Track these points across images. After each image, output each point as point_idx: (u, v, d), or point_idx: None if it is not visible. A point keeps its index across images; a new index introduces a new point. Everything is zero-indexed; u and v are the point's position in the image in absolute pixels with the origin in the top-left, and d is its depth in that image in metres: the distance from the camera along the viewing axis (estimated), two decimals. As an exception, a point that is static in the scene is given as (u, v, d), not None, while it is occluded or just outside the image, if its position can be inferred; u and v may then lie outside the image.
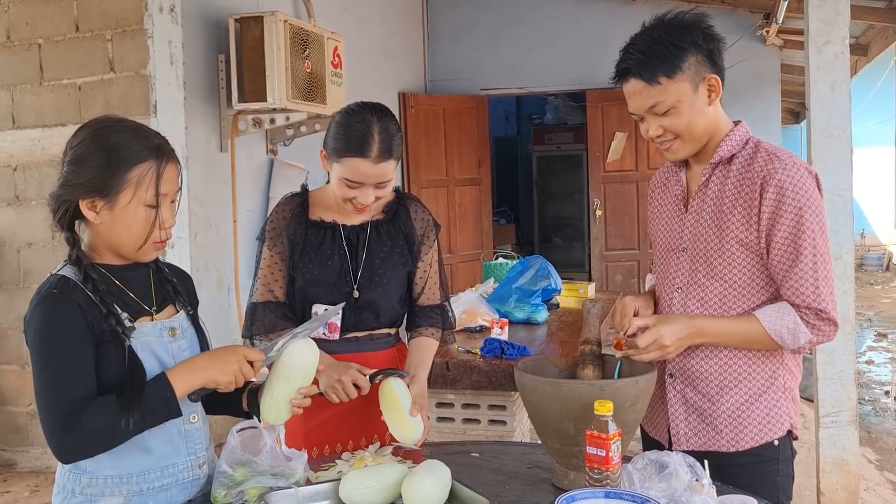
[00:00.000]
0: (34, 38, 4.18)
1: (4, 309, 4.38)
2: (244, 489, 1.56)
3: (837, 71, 3.48)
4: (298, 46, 4.40)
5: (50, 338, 1.48)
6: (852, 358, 3.54)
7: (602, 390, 1.58)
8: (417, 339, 2.15)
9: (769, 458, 1.76)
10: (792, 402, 1.80)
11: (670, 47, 1.68)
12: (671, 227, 1.87)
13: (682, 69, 1.69)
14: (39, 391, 1.48)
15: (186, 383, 1.53)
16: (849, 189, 3.49)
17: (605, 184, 7.35)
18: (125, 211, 1.52)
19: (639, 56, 1.70)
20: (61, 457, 1.50)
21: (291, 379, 1.67)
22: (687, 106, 1.71)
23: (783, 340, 1.70)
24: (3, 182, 4.32)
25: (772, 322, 1.69)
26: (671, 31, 1.71)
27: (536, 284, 3.92)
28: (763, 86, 6.89)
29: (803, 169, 1.69)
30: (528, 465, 1.80)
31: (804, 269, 1.67)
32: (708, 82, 1.72)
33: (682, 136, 1.75)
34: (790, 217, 1.66)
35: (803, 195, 1.66)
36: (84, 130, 1.57)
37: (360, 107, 1.98)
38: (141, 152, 1.53)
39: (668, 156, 1.81)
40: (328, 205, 2.09)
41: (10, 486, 4.15)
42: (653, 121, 1.74)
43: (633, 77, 1.72)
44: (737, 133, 1.77)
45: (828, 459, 3.55)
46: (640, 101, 1.73)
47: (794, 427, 1.80)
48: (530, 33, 7.32)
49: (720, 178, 1.77)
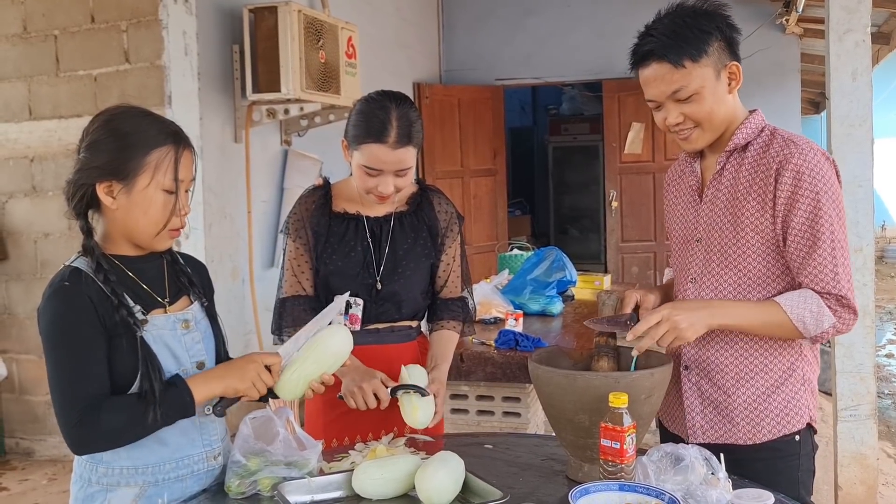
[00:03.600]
0: (50, 29, 4.20)
1: (21, 299, 4.42)
2: (257, 479, 1.56)
3: (859, 60, 3.42)
4: (313, 36, 4.39)
5: (62, 332, 1.48)
6: (872, 351, 3.49)
7: (617, 382, 1.57)
8: (439, 333, 2.15)
9: (789, 452, 1.73)
10: (811, 394, 1.75)
11: (696, 31, 1.64)
12: (686, 218, 1.84)
13: (707, 53, 1.64)
14: (53, 385, 1.48)
15: (206, 391, 1.53)
16: (869, 180, 3.44)
17: (622, 175, 7.30)
18: (143, 195, 1.52)
19: (663, 38, 1.64)
20: (75, 449, 1.51)
21: (319, 362, 1.65)
22: (709, 92, 1.66)
23: (805, 326, 1.63)
24: (19, 173, 4.35)
25: (794, 306, 1.63)
26: (695, 15, 1.66)
27: (551, 276, 3.90)
28: (783, 75, 6.81)
29: (820, 154, 1.65)
30: (541, 457, 1.79)
31: (823, 254, 1.62)
32: (729, 70, 1.68)
33: (702, 125, 1.70)
34: (807, 202, 1.62)
35: (820, 180, 1.62)
36: (100, 117, 1.57)
37: (379, 94, 1.99)
38: (158, 136, 1.53)
39: (685, 146, 1.76)
40: (351, 196, 2.08)
41: (28, 475, 4.19)
42: (673, 108, 1.68)
43: (655, 60, 1.66)
44: (752, 121, 1.73)
45: (846, 453, 3.51)
46: (661, 87, 1.67)
47: (814, 420, 1.76)
48: (547, 23, 7.27)
49: (735, 165, 1.73)
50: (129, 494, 1.55)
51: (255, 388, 1.56)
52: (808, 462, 1.76)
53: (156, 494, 1.56)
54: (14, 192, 4.39)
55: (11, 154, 4.35)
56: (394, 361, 2.00)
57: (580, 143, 9.68)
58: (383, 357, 2.01)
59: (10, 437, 4.49)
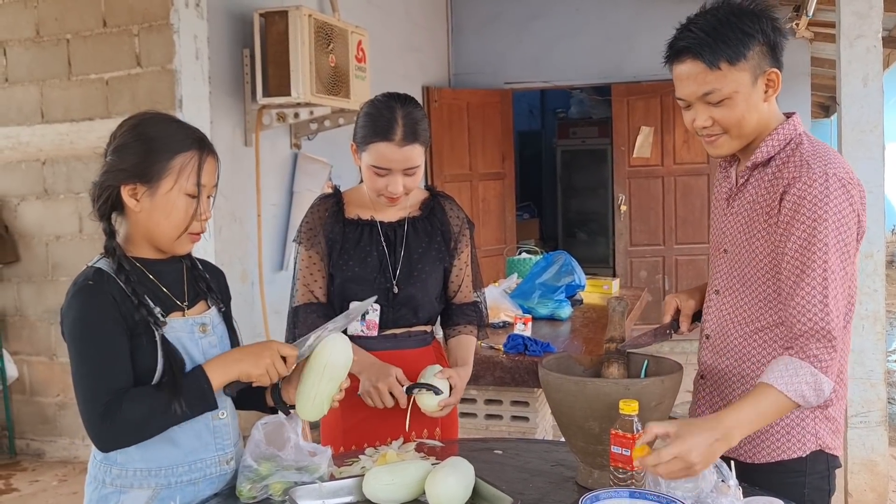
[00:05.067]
0: (63, 33, 4.23)
1: (33, 301, 4.45)
2: (268, 483, 1.57)
3: (870, 65, 3.41)
4: (323, 41, 4.40)
5: (87, 328, 1.50)
6: (882, 357, 3.48)
7: (627, 389, 1.57)
8: (457, 338, 2.17)
9: (795, 469, 1.64)
10: (824, 420, 1.64)
11: (738, 32, 1.54)
12: (717, 226, 1.76)
13: (746, 57, 1.54)
14: (78, 381, 1.50)
15: (222, 376, 1.54)
16: (880, 185, 3.43)
17: (631, 178, 7.28)
18: (166, 198, 1.55)
19: (702, 35, 1.54)
20: (101, 445, 1.52)
21: (334, 378, 1.64)
22: (743, 98, 1.57)
23: (806, 400, 1.49)
24: (31, 176, 4.38)
25: (788, 384, 1.48)
26: (741, 15, 1.56)
27: (560, 280, 3.90)
28: (793, 79, 6.77)
29: (833, 179, 1.52)
30: (551, 464, 1.79)
31: (812, 285, 1.50)
32: (768, 76, 1.58)
33: (730, 131, 1.61)
34: (802, 229, 1.52)
35: (822, 207, 1.50)
36: (128, 122, 1.60)
37: (385, 96, 2.02)
38: (184, 141, 1.56)
39: (711, 150, 1.67)
40: (363, 203, 2.10)
41: (38, 476, 4.21)
42: (703, 110, 1.60)
43: (690, 58, 1.56)
44: (781, 132, 1.62)
45: (856, 460, 3.50)
46: (693, 86, 1.58)
47: (827, 447, 1.65)
48: (555, 26, 7.26)
49: (757, 180, 1.65)
50: (141, 496, 1.56)
51: (267, 376, 1.57)
52: (821, 481, 1.66)
53: (168, 497, 1.56)
54: (26, 195, 4.42)
55: (24, 157, 4.38)
56: (411, 366, 2.00)
57: (589, 146, 9.65)
58: (401, 362, 2.01)
59: (20, 439, 4.51)
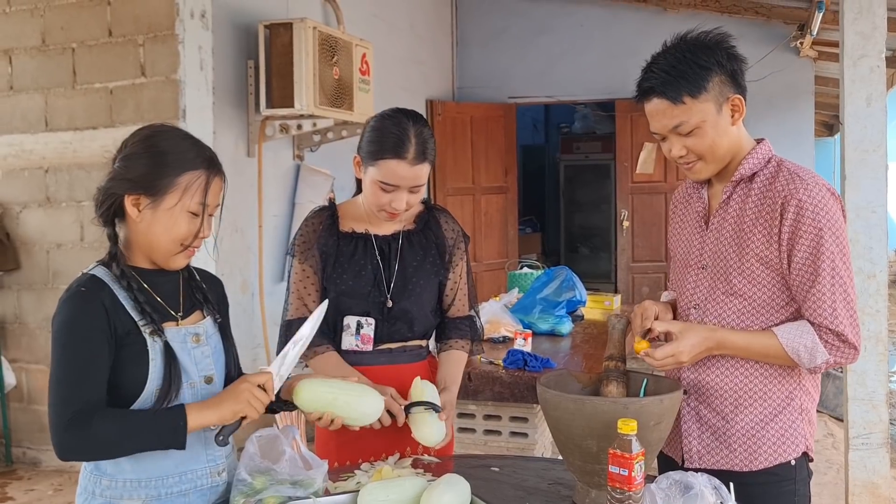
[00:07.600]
0: (68, 42, 4.24)
1: (33, 309, 4.44)
2: (263, 498, 1.55)
3: (873, 85, 3.41)
4: (327, 53, 4.42)
5: (71, 334, 1.49)
6: (885, 378, 3.46)
7: (626, 408, 1.56)
8: (448, 353, 2.14)
9: (786, 477, 1.74)
10: (808, 423, 1.77)
11: (695, 67, 1.66)
12: (691, 244, 1.85)
13: (706, 89, 1.67)
14: (53, 385, 1.50)
15: (199, 418, 1.53)
16: (883, 206, 3.41)
17: (633, 194, 7.29)
18: (168, 213, 1.55)
19: (662, 75, 1.68)
20: (60, 453, 1.50)
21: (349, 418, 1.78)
22: (710, 126, 1.69)
23: (800, 359, 1.68)
24: (34, 183, 4.39)
25: (790, 339, 1.67)
26: (695, 50, 1.69)
27: (561, 295, 3.89)
28: (796, 98, 6.80)
29: (825, 189, 1.67)
30: (549, 482, 1.78)
31: (822, 290, 1.65)
32: (731, 102, 1.70)
33: (704, 158, 1.73)
34: (809, 237, 1.65)
35: (823, 216, 1.64)
36: (141, 132, 1.60)
37: (394, 111, 2.02)
38: (195, 160, 1.57)
39: (691, 175, 1.80)
40: (358, 216, 2.09)
41: (34, 485, 4.19)
42: (676, 141, 1.72)
43: (656, 96, 1.70)
44: (759, 151, 1.75)
45: (857, 482, 3.47)
46: (663, 121, 1.71)
47: (810, 449, 1.78)
48: (560, 41, 7.29)
49: (741, 196, 1.75)
50: (132, 508, 1.54)
51: (252, 407, 1.56)
52: (804, 488, 1.77)
53: (158, 508, 1.55)
54: (28, 203, 4.42)
55: (27, 164, 4.39)
56: (406, 382, 1.98)
57: (592, 161, 9.67)
58: (396, 377, 2.00)
59: (17, 447, 4.49)
